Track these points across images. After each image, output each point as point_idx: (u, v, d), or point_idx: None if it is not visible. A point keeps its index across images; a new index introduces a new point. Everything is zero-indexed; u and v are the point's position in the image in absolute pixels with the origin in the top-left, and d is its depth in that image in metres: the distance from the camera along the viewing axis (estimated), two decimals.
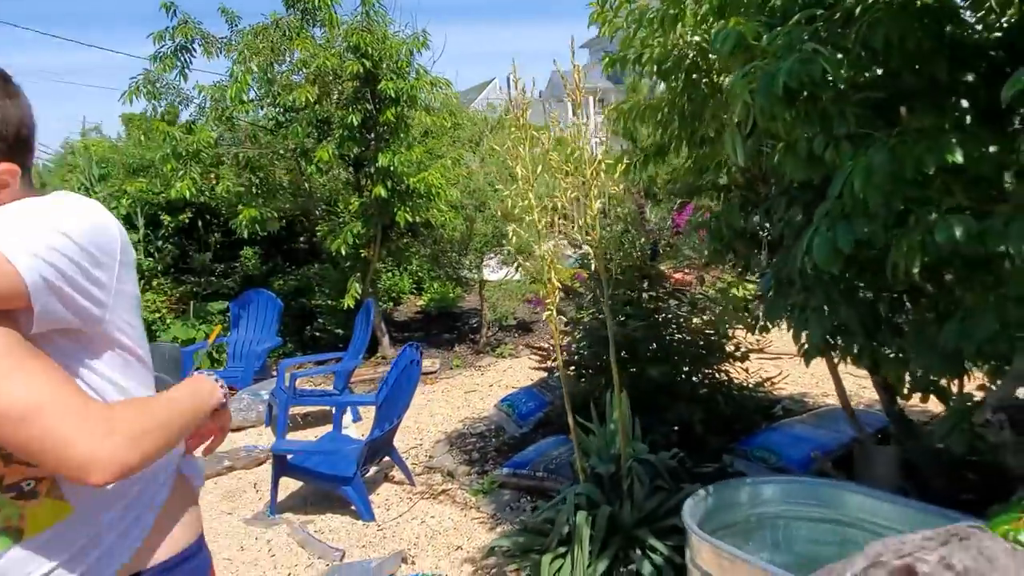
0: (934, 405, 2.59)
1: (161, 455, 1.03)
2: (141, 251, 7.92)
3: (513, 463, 4.01)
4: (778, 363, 5.13)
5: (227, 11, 6.35)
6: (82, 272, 0.99)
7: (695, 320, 3.80)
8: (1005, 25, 1.91)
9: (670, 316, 3.64)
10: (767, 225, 2.61)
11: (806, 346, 2.50)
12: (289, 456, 3.94)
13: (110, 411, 0.97)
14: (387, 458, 4.22)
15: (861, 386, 4.51)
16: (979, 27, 1.96)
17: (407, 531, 3.63)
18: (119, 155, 8.58)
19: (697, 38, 2.41)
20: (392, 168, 5.75)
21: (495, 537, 3.39)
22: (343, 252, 6.27)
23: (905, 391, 2.50)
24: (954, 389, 2.42)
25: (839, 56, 1.77)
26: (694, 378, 3.63)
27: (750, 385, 3.86)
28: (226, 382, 5.50)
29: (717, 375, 3.77)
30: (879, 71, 2.02)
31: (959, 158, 1.65)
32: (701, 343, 3.64)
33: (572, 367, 3.93)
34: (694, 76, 2.48)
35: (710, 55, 2.40)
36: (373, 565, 3.21)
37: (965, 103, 1.92)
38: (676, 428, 3.44)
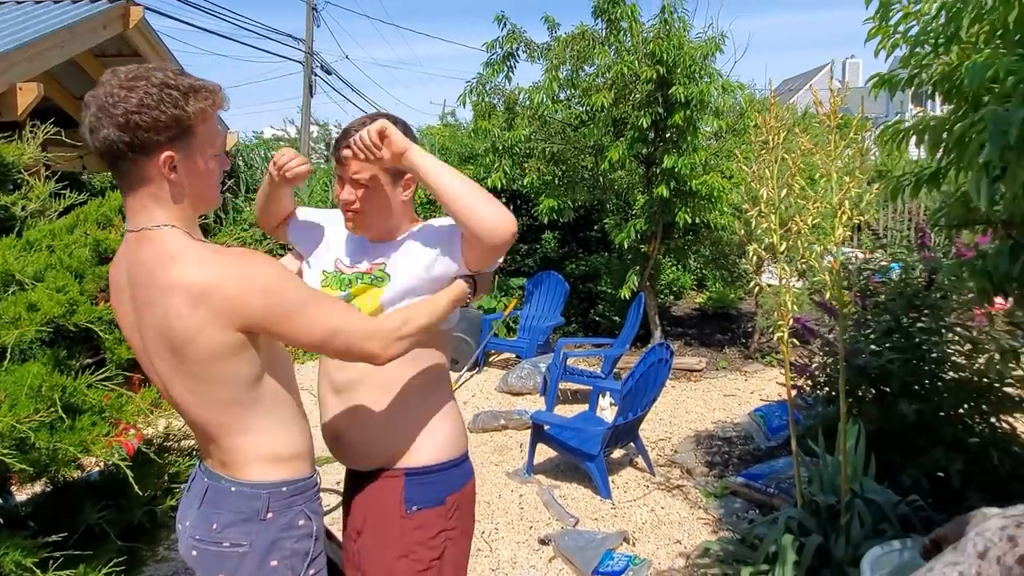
0: None
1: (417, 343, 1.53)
2: None
3: (749, 474, 4.04)
4: None
5: (548, 18, 7.06)
6: None
7: (980, 360, 3.39)
8: None
9: (938, 353, 3.30)
10: None
11: None
12: (546, 426, 4.48)
13: (383, 323, 1.46)
14: (633, 445, 4.54)
15: None
16: None
17: (636, 515, 3.92)
18: (455, 144, 10.05)
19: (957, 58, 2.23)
20: (675, 169, 5.93)
21: (714, 540, 3.52)
22: (625, 245, 6.66)
23: None
24: None
25: None
26: (960, 424, 3.26)
27: None
28: (513, 352, 6.51)
29: (1000, 425, 3.33)
30: None
31: None
32: (978, 386, 3.24)
33: (823, 390, 3.80)
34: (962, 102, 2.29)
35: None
36: (599, 537, 3.57)
37: None
38: (928, 475, 3.16)
